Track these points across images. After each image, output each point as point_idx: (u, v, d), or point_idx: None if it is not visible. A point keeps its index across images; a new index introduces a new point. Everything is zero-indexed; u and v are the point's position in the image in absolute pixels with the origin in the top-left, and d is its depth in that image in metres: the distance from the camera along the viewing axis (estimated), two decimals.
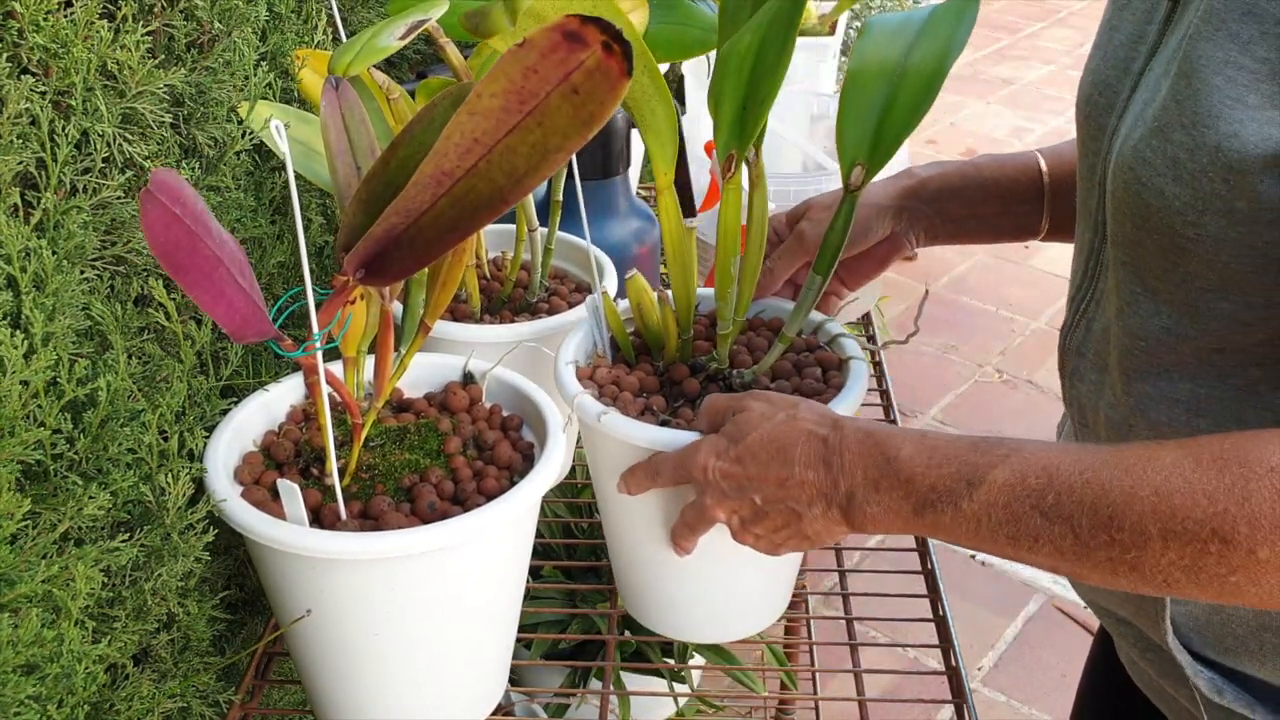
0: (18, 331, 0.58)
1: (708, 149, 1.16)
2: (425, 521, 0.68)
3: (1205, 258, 0.60)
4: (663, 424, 0.74)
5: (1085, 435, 0.74)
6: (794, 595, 0.87)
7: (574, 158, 0.83)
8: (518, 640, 0.80)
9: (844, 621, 0.91)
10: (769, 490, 0.67)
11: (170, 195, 0.54)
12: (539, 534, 0.94)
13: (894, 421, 1.10)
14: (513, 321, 0.92)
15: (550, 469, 0.71)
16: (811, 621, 1.38)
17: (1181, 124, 0.59)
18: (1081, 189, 0.73)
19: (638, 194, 1.26)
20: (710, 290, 0.81)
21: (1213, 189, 0.58)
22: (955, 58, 0.68)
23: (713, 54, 0.75)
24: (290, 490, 0.64)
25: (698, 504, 0.71)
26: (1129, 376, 0.67)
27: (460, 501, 0.70)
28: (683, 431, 0.73)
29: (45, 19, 0.63)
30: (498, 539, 0.69)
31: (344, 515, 0.68)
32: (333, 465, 0.67)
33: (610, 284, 0.94)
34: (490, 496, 0.69)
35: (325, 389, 0.67)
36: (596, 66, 0.51)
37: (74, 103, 0.66)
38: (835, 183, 1.16)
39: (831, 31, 1.39)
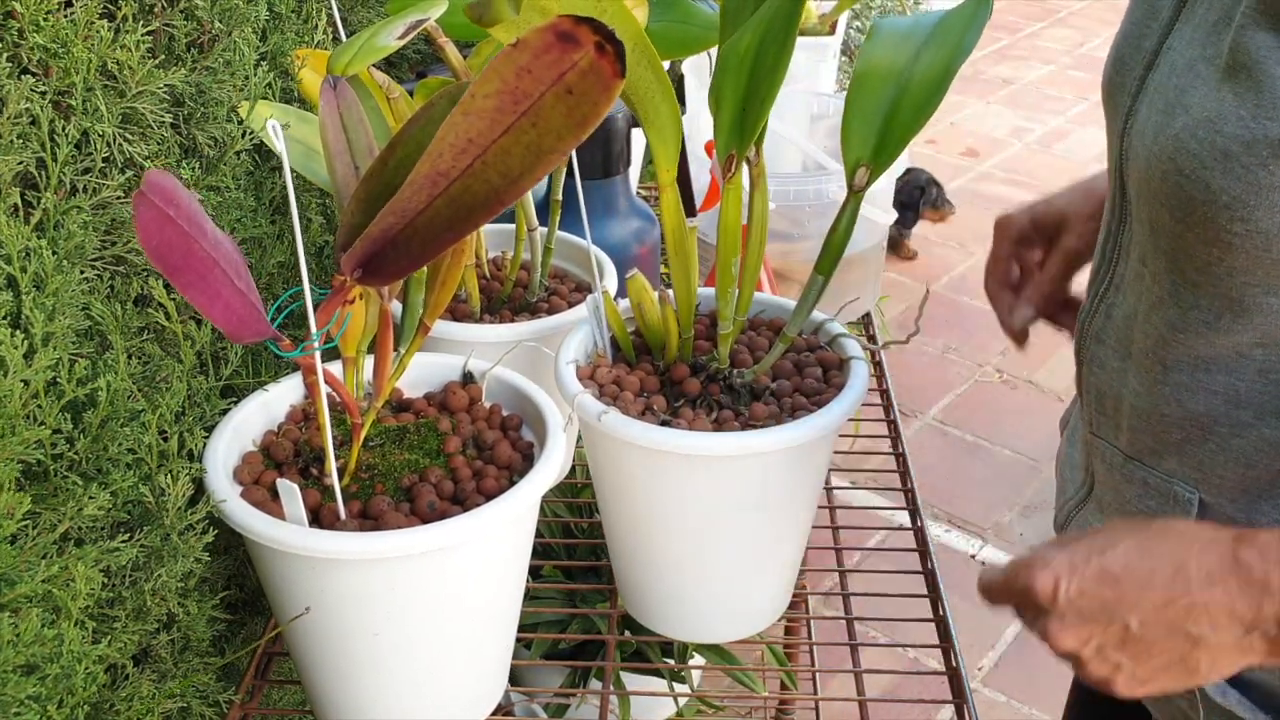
0: (18, 331, 0.58)
1: (708, 149, 1.16)
2: (425, 521, 0.67)
3: (1254, 253, 0.58)
4: (663, 424, 0.74)
5: (1103, 423, 0.74)
6: (794, 595, 0.87)
7: (574, 157, 0.83)
8: (518, 640, 0.80)
9: (844, 621, 0.91)
10: (1150, 612, 0.56)
11: (163, 196, 0.54)
12: (539, 534, 0.94)
13: (894, 423, 1.10)
14: (513, 321, 0.92)
15: (550, 469, 0.71)
16: (811, 621, 1.38)
17: (1238, 116, 0.57)
18: (1108, 174, 0.71)
19: (638, 194, 1.26)
20: (711, 290, 0.81)
21: (1271, 182, 0.56)
22: (962, 62, 0.68)
23: (714, 52, 0.75)
24: (290, 490, 0.64)
25: (1037, 627, 0.60)
26: (1165, 367, 0.66)
27: (460, 501, 0.70)
28: (683, 431, 0.73)
29: (45, 19, 0.63)
30: (497, 539, 0.69)
31: (343, 515, 0.68)
32: (332, 465, 0.67)
33: (610, 283, 0.94)
34: (490, 496, 0.69)
35: (324, 389, 0.67)
36: (590, 67, 0.51)
37: (74, 103, 0.65)
38: (835, 183, 1.16)
39: (832, 31, 1.38)
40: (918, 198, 3.12)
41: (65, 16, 0.64)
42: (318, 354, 0.65)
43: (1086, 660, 0.59)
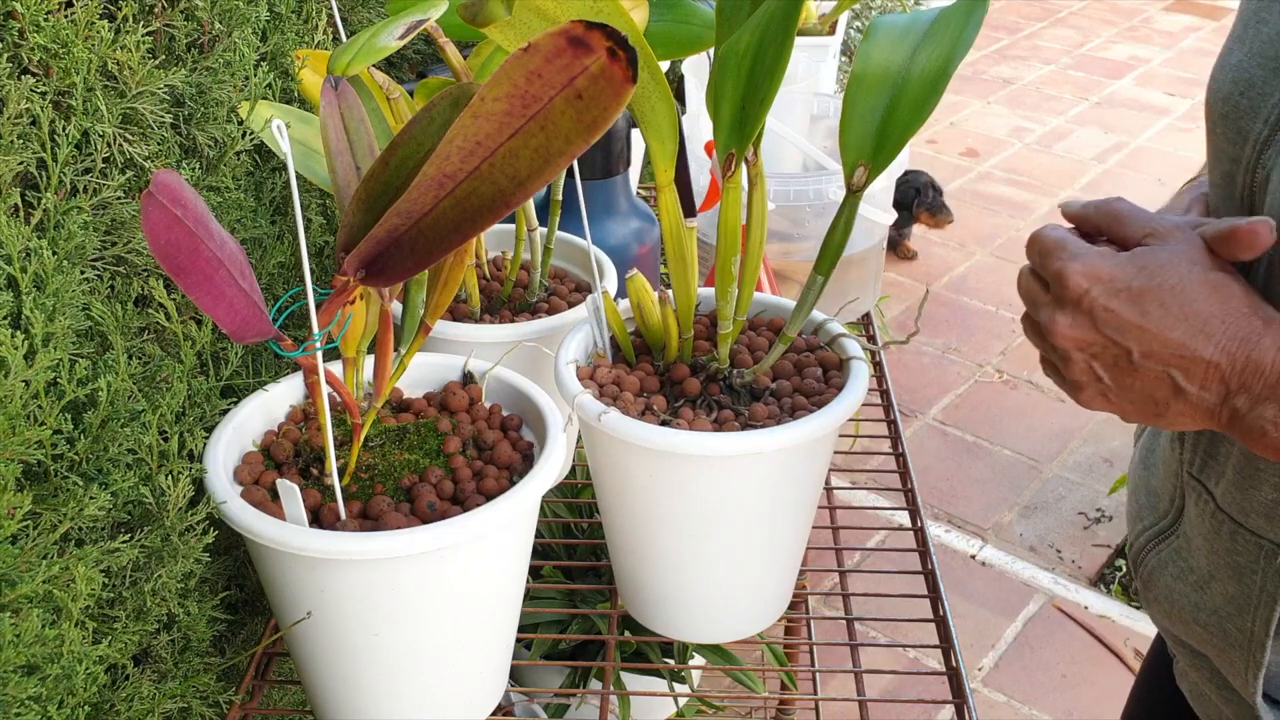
0: (18, 332, 0.58)
1: (708, 149, 1.16)
2: (425, 521, 0.68)
3: None
4: (663, 424, 0.74)
5: (1207, 467, 0.69)
6: (794, 595, 0.87)
7: None
8: (518, 640, 0.80)
9: (844, 622, 0.91)
10: (1157, 350, 0.55)
11: (171, 196, 0.54)
12: (539, 534, 0.94)
13: (894, 423, 1.10)
14: (513, 321, 0.92)
15: (550, 469, 0.71)
16: (811, 621, 1.38)
17: None
18: (1216, 197, 0.66)
19: (638, 194, 1.26)
20: (710, 290, 0.81)
21: None
22: (960, 60, 0.68)
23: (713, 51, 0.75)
24: (290, 490, 0.64)
25: (1045, 311, 0.59)
26: None
27: (460, 501, 0.70)
28: (683, 431, 0.73)
29: (46, 19, 0.63)
30: (498, 539, 0.69)
31: (344, 515, 0.68)
32: (332, 465, 0.67)
33: (610, 284, 0.94)
34: (490, 496, 0.69)
35: (325, 389, 0.67)
36: (601, 72, 0.51)
37: (74, 103, 0.66)
38: (835, 183, 1.16)
39: (831, 31, 1.39)
40: (912, 198, 3.10)
41: (65, 17, 0.64)
42: (319, 354, 0.65)
43: (1074, 362, 0.58)
